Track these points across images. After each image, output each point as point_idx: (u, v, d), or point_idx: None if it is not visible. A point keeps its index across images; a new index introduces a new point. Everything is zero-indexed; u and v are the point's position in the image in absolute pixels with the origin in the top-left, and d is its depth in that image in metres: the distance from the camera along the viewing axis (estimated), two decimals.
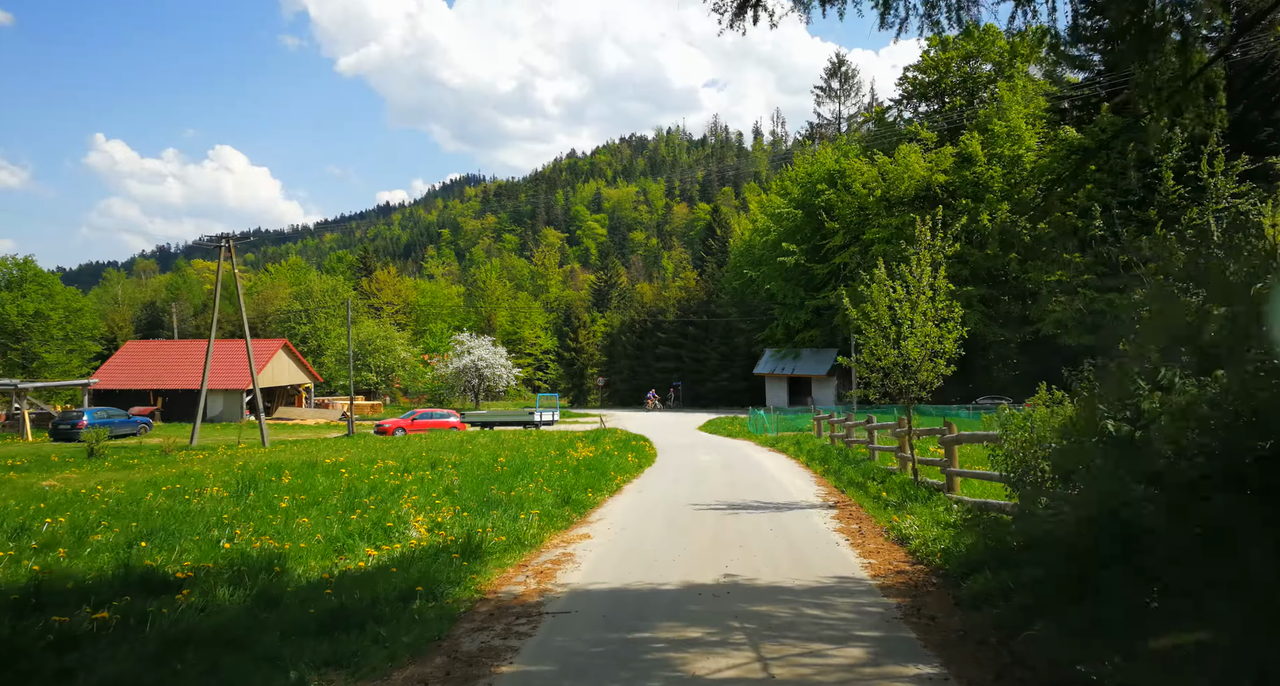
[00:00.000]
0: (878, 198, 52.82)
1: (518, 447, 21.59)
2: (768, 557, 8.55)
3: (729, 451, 25.23)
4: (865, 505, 12.07)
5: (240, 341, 60.92)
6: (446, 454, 19.62)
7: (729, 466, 19.78)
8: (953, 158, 49.80)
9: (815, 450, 21.57)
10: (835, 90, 64.96)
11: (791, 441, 25.90)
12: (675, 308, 68.48)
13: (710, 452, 24.72)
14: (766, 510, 12.13)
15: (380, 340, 70.74)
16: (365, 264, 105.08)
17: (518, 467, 16.08)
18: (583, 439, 25.84)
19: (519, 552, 8.79)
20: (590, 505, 12.52)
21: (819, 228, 57.09)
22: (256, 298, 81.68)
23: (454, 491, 12.49)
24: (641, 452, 21.90)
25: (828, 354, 58.35)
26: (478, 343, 62.95)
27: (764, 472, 18.19)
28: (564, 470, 15.74)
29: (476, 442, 24.92)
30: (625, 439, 26.14)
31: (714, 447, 27.14)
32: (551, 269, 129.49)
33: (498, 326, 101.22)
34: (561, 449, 20.31)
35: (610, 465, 17.35)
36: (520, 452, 19.76)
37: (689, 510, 12.22)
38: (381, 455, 20.08)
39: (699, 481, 16.27)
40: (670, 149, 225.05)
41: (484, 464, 16.91)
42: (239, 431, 39.39)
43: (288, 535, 8.85)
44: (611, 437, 27.33)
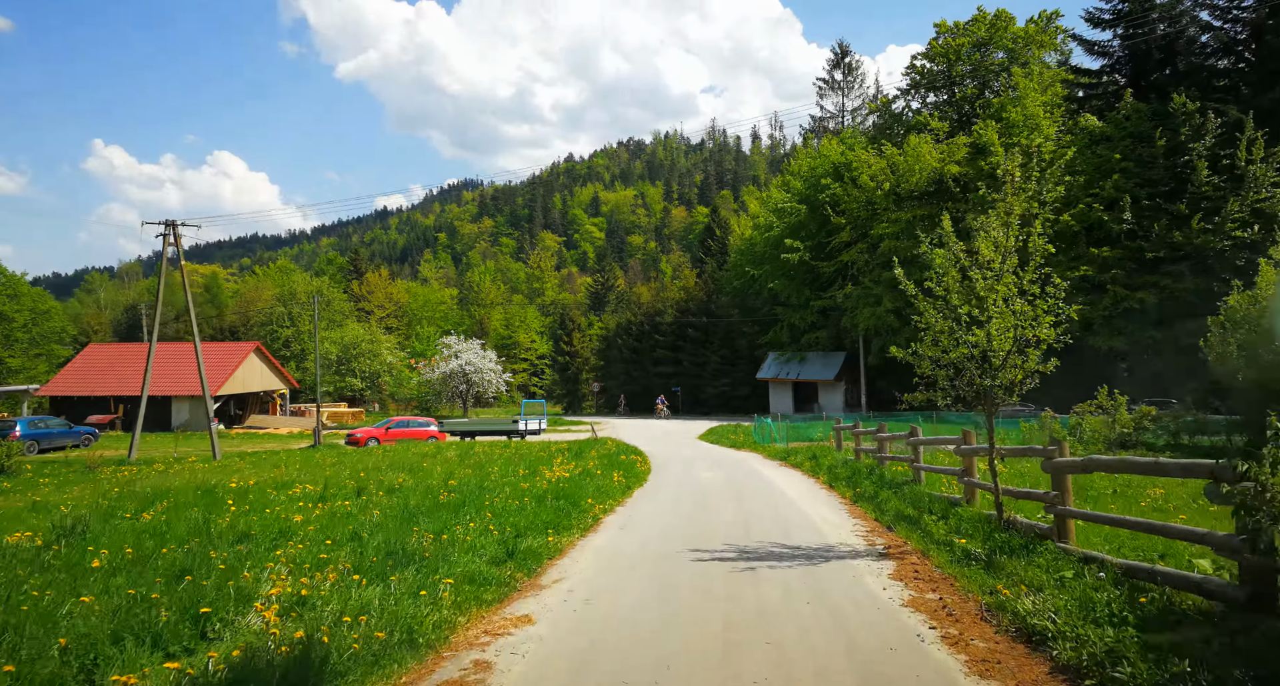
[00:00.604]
0: (886, 191, 49.38)
1: (483, 464, 18.07)
2: (817, 674, 5.04)
3: (734, 467, 21.69)
4: (932, 554, 8.55)
5: (211, 344, 57.48)
6: (391, 474, 16.08)
7: (736, 488, 16.24)
8: (966, 148, 46.36)
9: (837, 466, 18.05)
10: (838, 82, 61.63)
11: (805, 455, 22.37)
12: (673, 309, 64.96)
13: (713, 468, 21.19)
14: (795, 561, 8.61)
15: (366, 343, 67.26)
16: (356, 266, 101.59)
17: (469, 494, 12.56)
18: (566, 452, 22.31)
19: (398, 666, 5.25)
20: (548, 555, 8.98)
21: (824, 223, 53.64)
22: (239, 300, 78.20)
23: (362, 536, 8.95)
24: (631, 470, 18.36)
25: (835, 357, 54.86)
26: (466, 346, 59.46)
27: (780, 497, 14.66)
28: (526, 499, 12.21)
29: (441, 457, 21.40)
30: (614, 452, 22.58)
31: (716, 462, 23.59)
32: (547, 272, 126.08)
33: (491, 330, 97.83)
34: (534, 467, 16.76)
35: (589, 489, 13.81)
36: (482, 471, 16.24)
37: (687, 562, 8.70)
38: (314, 476, 16.55)
39: (700, 511, 12.72)
40: (668, 153, 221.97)
41: (430, 489, 13.40)
42: (175, 442, 35.81)
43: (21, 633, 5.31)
44: (600, 450, 23.79)
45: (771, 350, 58.01)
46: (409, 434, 36.61)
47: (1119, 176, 41.33)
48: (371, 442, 35.77)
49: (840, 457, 19.52)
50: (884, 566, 8.29)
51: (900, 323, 48.07)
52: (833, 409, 54.16)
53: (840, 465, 18.22)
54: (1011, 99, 46.43)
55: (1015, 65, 47.48)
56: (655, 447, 30.31)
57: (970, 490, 10.68)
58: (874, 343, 49.82)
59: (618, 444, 28.98)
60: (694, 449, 30.04)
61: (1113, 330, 41.38)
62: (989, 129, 45.38)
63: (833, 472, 17.42)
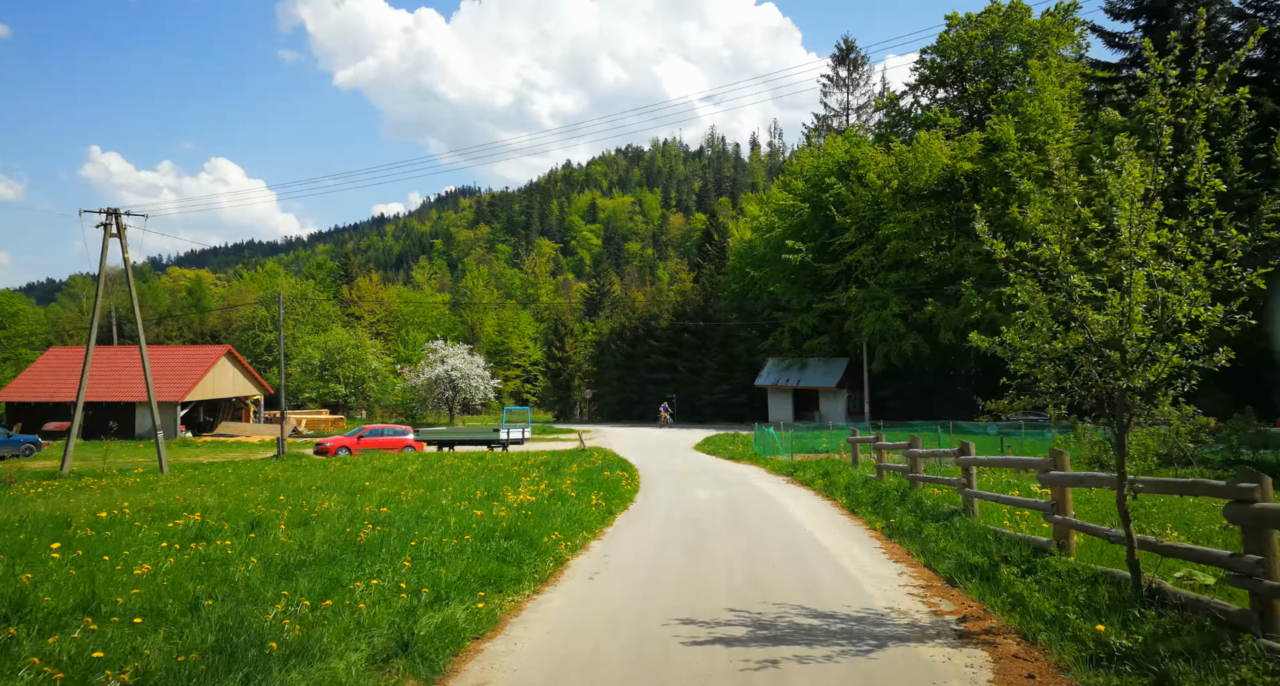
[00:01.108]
0: (894, 190, 46.70)
1: (438, 484, 15.17)
2: None
3: (736, 485, 18.82)
4: (1041, 640, 5.69)
5: (179, 348, 54.55)
6: (320, 497, 13.20)
7: (740, 514, 13.39)
8: (980, 144, 43.68)
9: (856, 486, 15.20)
10: (843, 79, 59.02)
11: (815, 470, 19.50)
12: (669, 313, 62.11)
13: (711, 486, 18.32)
14: (834, 645, 5.76)
15: (351, 348, 64.30)
16: (346, 271, 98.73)
17: (400, 528, 9.69)
18: (543, 466, 19.41)
19: None
20: (473, 633, 6.12)
21: (828, 224, 50.93)
22: (223, 304, 75.27)
23: (205, 604, 6.07)
24: (614, 490, 15.50)
25: (838, 364, 52.05)
26: (453, 350, 56.62)
27: (795, 529, 11.80)
28: (469, 535, 9.32)
29: (399, 472, 18.52)
30: (598, 466, 19.68)
31: (715, 478, 20.72)
32: (542, 277, 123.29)
33: (484, 336, 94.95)
34: (496, 487, 13.85)
35: (556, 519, 10.94)
36: (433, 493, 13.34)
37: (677, 647, 5.86)
38: (228, 498, 13.65)
39: (695, 554, 9.85)
40: (666, 160, 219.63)
41: (356, 518, 10.53)
42: (123, 452, 32.87)
43: None
44: (583, 463, 20.90)
45: (771, 356, 55.22)
46: (382, 443, 33.75)
47: None
48: (342, 452, 32.91)
49: (859, 475, 16.66)
50: (972, 661, 5.43)
51: (907, 328, 45.35)
52: (834, 417, 51.31)
53: (859, 484, 15.37)
54: (1028, 93, 43.76)
55: (1032, 58, 44.77)
56: (646, 460, 27.44)
57: (1064, 532, 7.83)
58: (878, 348, 47.04)
59: (605, 455, 26.10)
60: (689, 461, 27.16)
61: None
62: (1004, 124, 42.72)
63: (852, 494, 14.58)
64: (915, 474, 12.93)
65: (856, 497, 14.17)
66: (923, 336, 44.82)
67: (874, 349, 47.59)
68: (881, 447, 15.59)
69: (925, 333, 45.01)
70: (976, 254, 43.05)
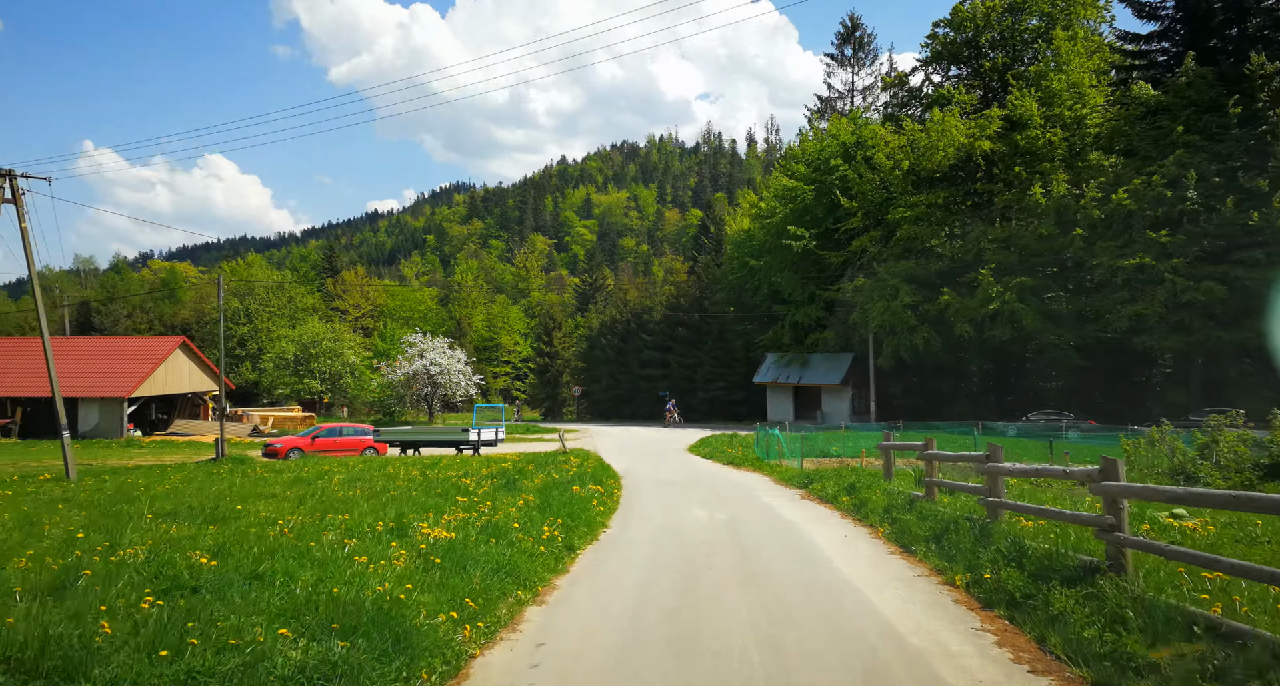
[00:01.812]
0: (905, 171, 42.88)
1: (344, 506, 11.24)
2: None
3: (740, 501, 14.99)
4: None
5: (130, 339, 50.52)
6: (158, 529, 9.28)
7: (753, 558, 9.56)
8: (1000, 121, 39.86)
9: (899, 510, 11.36)
10: (848, 58, 55.10)
11: (836, 482, 15.66)
12: (663, 306, 58.21)
13: (709, 503, 14.48)
14: None
15: (328, 342, 60.26)
16: (331, 263, 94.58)
17: (201, 599, 5.79)
18: (499, 476, 15.50)
19: None
20: None
21: (832, 209, 47.13)
22: (196, 295, 71.21)
23: None
24: (581, 513, 11.64)
25: (842, 359, 48.22)
26: (432, 344, 52.67)
27: (840, 587, 7.94)
28: (283, 630, 5.38)
29: (317, 486, 14.58)
30: (569, 477, 15.76)
31: (713, 490, 16.85)
32: (534, 272, 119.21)
33: (471, 331, 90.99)
34: (409, 518, 9.83)
35: (474, 575, 7.08)
36: (320, 524, 9.41)
37: None
38: (31, 530, 9.74)
39: (689, 644, 5.98)
40: (662, 156, 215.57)
41: (162, 574, 6.64)
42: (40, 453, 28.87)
43: None
44: (554, 471, 17.02)
45: (770, 351, 51.39)
46: (340, 444, 29.84)
47: (1182, 151, 34.84)
48: (294, 454, 28.99)
49: (897, 492, 12.81)
50: None
51: (918, 319, 41.57)
52: (838, 417, 47.51)
53: (903, 507, 11.54)
54: (1052, 66, 39.92)
55: (1057, 28, 40.90)
56: (633, 465, 23.57)
57: None
58: (886, 343, 43.19)
59: (585, 460, 22.22)
60: (682, 467, 23.28)
61: (1169, 328, 34.88)
62: (1027, 99, 38.93)
63: (898, 522, 10.73)
64: (996, 499, 9.05)
65: (905, 528, 10.31)
66: (935, 329, 41.03)
67: (881, 343, 43.78)
68: (932, 458, 11.73)
69: (938, 325, 41.24)
70: (996, 240, 39.28)
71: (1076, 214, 36.73)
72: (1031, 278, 37.83)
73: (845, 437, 26.95)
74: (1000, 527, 8.68)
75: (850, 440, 26.57)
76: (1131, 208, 35.37)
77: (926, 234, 42.38)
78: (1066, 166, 38.55)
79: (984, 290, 37.64)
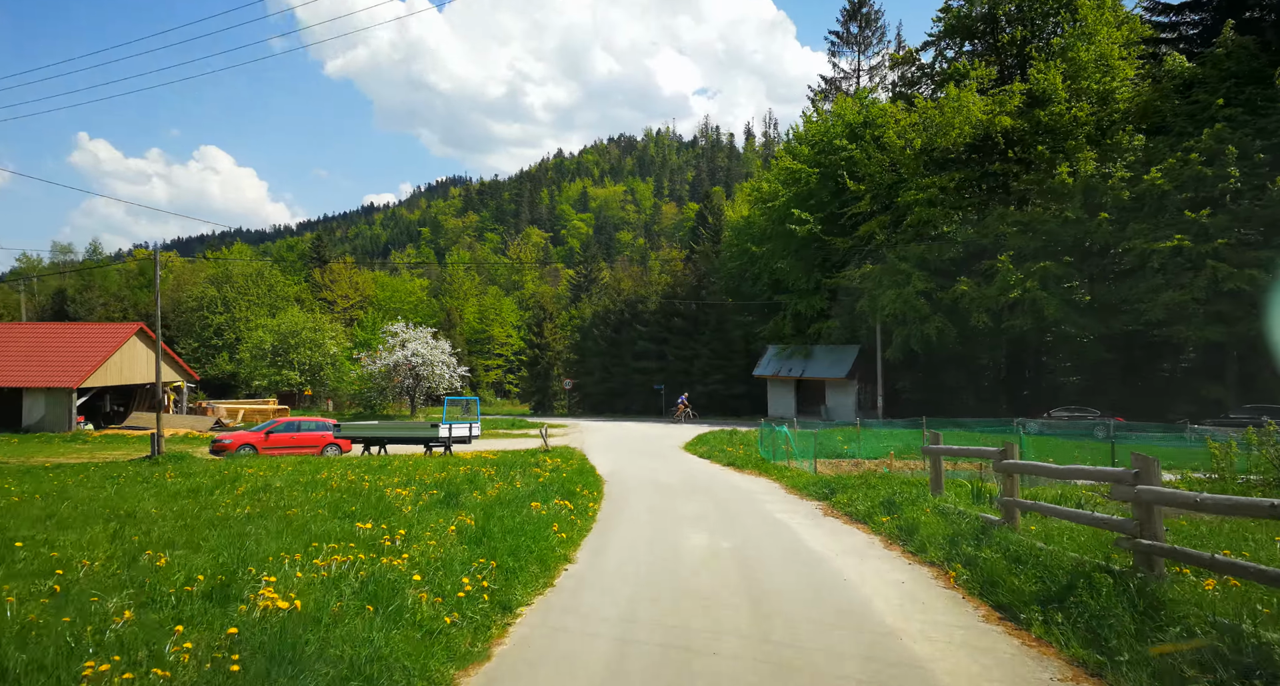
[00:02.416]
0: (917, 151, 39.64)
1: (189, 532, 8.03)
2: None
3: (749, 518, 11.80)
4: None
5: (83, 326, 47.20)
6: None
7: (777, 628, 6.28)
8: (1021, 96, 36.60)
9: (966, 540, 8.18)
10: (854, 36, 51.75)
11: (866, 495, 12.46)
12: (658, 296, 54.92)
13: (709, 523, 11.28)
14: None
15: (308, 332, 56.97)
16: (319, 253, 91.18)
17: None
18: (439, 490, 12.23)
19: None
20: None
21: (838, 192, 43.87)
22: (171, 283, 67.80)
23: None
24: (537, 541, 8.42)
25: (847, 352, 45.00)
26: (414, 334, 49.40)
27: (908, 673, 4.66)
28: None
29: (207, 501, 11.33)
30: (531, 490, 12.46)
31: (715, 502, 13.64)
32: (528, 264, 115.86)
33: (462, 323, 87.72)
34: (236, 582, 6.52)
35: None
36: (126, 575, 6.17)
37: None
38: None
39: None
40: (660, 150, 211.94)
41: None
42: None
43: None
44: (516, 480, 13.79)
45: (771, 343, 48.18)
46: (297, 440, 26.59)
47: (1221, 125, 31.66)
48: (244, 451, 25.76)
49: (957, 514, 9.62)
50: None
51: (932, 307, 38.39)
52: (843, 413, 44.35)
53: (974, 536, 8.38)
54: (1077, 37, 36.61)
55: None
56: (621, 465, 20.38)
57: None
58: (895, 333, 39.93)
59: (565, 461, 19.02)
60: (677, 468, 20.06)
61: (1209, 317, 31.69)
62: (1051, 72, 35.65)
63: (975, 563, 7.52)
64: (1153, 542, 5.83)
65: (991, 574, 7.09)
66: (949, 319, 37.84)
67: (890, 334, 40.56)
68: (1015, 470, 8.51)
69: (951, 315, 38.05)
70: (1017, 224, 36.05)
71: (1105, 195, 33.51)
72: (1055, 264, 34.61)
73: (861, 436, 23.70)
74: (1174, 592, 5.45)
75: (869, 439, 23.36)
76: (1165, 187, 32.16)
77: (940, 218, 39.16)
78: (1093, 144, 35.29)
79: (1003, 277, 34.44)
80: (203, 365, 60.49)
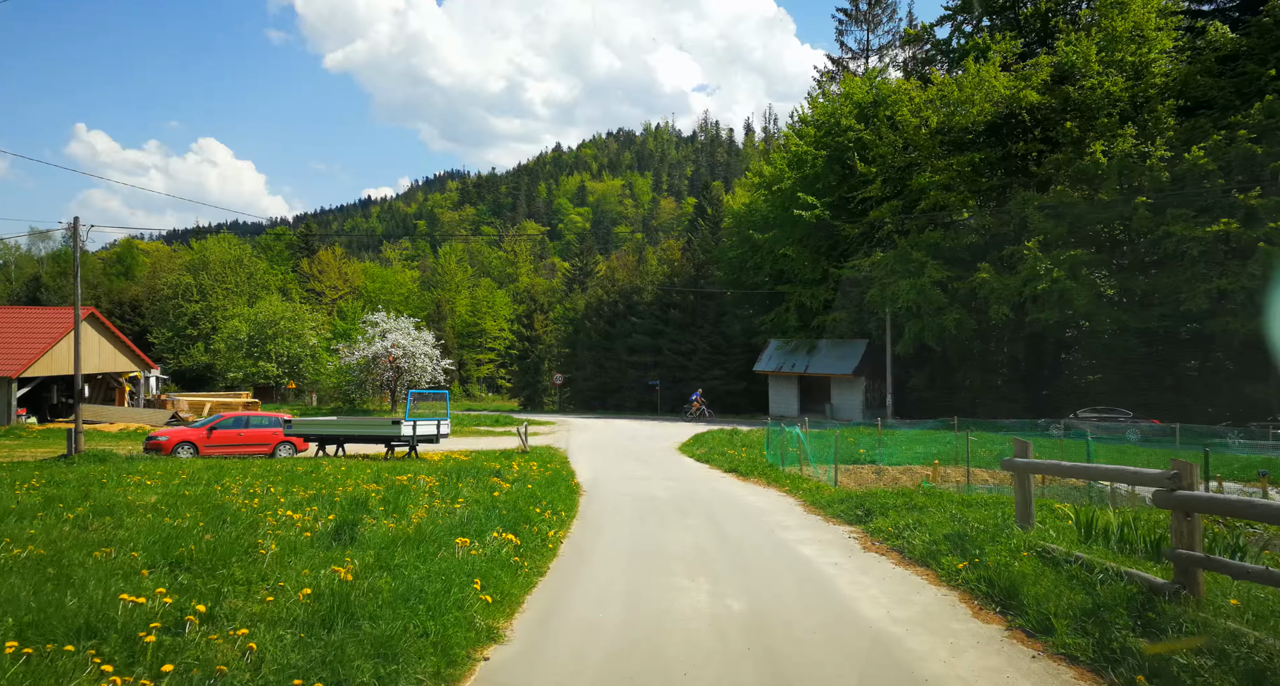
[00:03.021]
0: (933, 130, 36.49)
1: None
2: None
3: (763, 555, 8.63)
4: None
5: (27, 310, 43.94)
6: None
7: None
8: (1049, 69, 33.43)
9: (1121, 622, 5.02)
10: (863, 14, 48.48)
11: (921, 523, 9.28)
12: (655, 286, 51.69)
13: (712, 564, 8.10)
14: None
15: (286, 322, 53.69)
16: (307, 243, 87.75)
17: None
18: (337, 513, 9.01)
19: None
20: None
21: (847, 176, 40.65)
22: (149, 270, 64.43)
23: None
24: (436, 629, 5.13)
25: (854, 346, 41.80)
26: (395, 324, 46.11)
27: None
28: None
29: (11, 527, 8.18)
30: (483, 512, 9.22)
31: (716, 528, 10.45)
32: (522, 256, 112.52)
33: (453, 316, 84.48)
34: None
35: None
36: None
37: None
38: None
39: None
40: (659, 144, 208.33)
41: None
42: None
43: None
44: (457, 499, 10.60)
45: (773, 336, 44.99)
46: (244, 438, 23.36)
47: (1272, 97, 28.52)
48: (183, 449, 22.56)
49: (1078, 566, 6.46)
50: None
51: (948, 298, 35.25)
52: (849, 410, 41.21)
53: (1128, 612, 5.22)
54: (1111, 3, 33.37)
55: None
56: (604, 472, 17.20)
57: None
58: (908, 326, 36.75)
59: (540, 466, 15.83)
60: (671, 477, 16.84)
61: (1254, 308, 28.55)
62: (1083, 42, 32.44)
63: (1168, 678, 4.32)
64: None
65: None
66: (966, 311, 34.72)
67: (902, 327, 37.39)
68: (1200, 507, 5.36)
69: (969, 307, 34.93)
70: (1043, 207, 32.86)
71: (1142, 176, 30.35)
72: (1086, 251, 31.46)
73: (895, 441, 20.47)
74: None
75: (891, 443, 20.15)
76: (1209, 167, 29.00)
77: (957, 202, 35.98)
78: (1127, 122, 32.07)
79: (1029, 266, 31.26)
80: (177, 356, 57.21)
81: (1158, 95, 32.11)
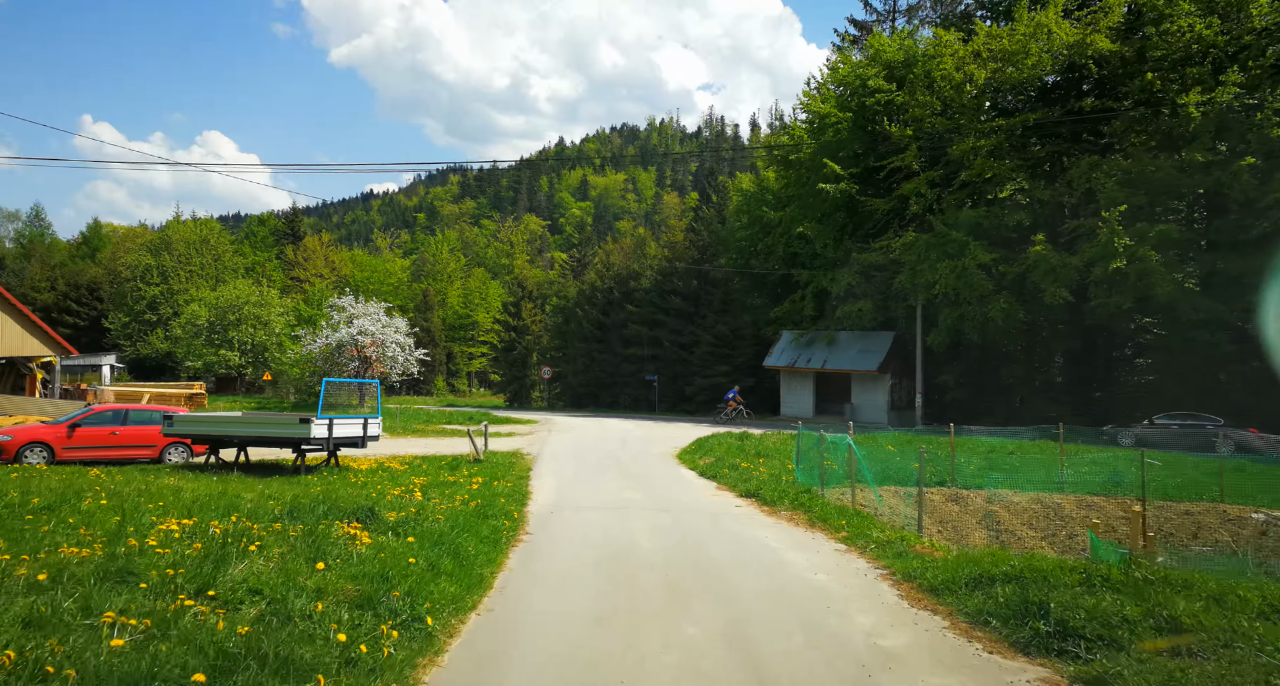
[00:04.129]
0: (980, 88, 30.83)
1: None
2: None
3: None
4: None
5: None
6: None
7: None
8: (1123, 12, 27.77)
9: None
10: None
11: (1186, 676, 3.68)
12: (653, 271, 46.08)
13: None
14: None
15: (251, 307, 48.17)
16: (293, 229, 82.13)
17: None
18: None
19: None
20: None
21: (874, 144, 35.01)
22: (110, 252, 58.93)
23: None
24: None
25: (879, 339, 36.12)
26: (364, 309, 40.57)
27: None
28: None
29: None
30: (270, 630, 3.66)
31: (757, 669, 4.77)
32: (519, 247, 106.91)
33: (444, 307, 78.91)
34: None
35: None
36: None
37: None
38: None
39: None
40: (662, 139, 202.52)
41: None
42: None
43: None
44: (295, 568, 4.91)
45: (786, 328, 39.31)
46: (120, 438, 17.76)
47: None
48: (32, 453, 16.99)
49: None
50: None
51: (994, 284, 29.68)
52: (872, 412, 35.57)
53: None
54: None
55: None
56: (571, 497, 11.60)
57: None
58: (943, 316, 31.12)
59: (457, 502, 10.27)
60: (666, 508, 11.20)
61: None
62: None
63: None
64: None
65: None
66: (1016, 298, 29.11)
67: (936, 316, 31.79)
68: None
69: (1017, 294, 29.31)
70: (1118, 172, 27.18)
71: (1248, 134, 24.69)
72: (1173, 226, 25.82)
73: (959, 451, 14.80)
74: None
75: (977, 459, 14.50)
76: None
77: (1005, 172, 30.37)
78: (1221, 68, 26.35)
79: (1103, 241, 25.59)
80: (134, 343, 51.71)
81: (1258, 40, 26.39)
